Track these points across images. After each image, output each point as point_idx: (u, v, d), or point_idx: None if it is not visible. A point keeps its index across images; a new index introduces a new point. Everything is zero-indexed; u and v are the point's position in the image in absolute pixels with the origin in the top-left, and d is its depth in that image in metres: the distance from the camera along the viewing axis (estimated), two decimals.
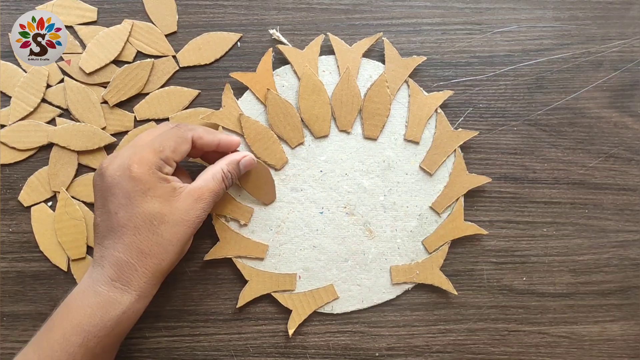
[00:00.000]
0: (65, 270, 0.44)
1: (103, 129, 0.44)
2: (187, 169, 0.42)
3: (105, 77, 0.44)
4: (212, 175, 0.39)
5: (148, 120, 0.44)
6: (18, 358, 0.36)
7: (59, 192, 0.44)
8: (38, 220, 0.44)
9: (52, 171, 0.44)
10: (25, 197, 0.44)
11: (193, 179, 0.40)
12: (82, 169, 0.44)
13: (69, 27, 0.44)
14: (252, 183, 0.43)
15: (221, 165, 0.40)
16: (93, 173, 0.44)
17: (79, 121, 0.44)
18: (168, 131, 0.38)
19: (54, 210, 0.44)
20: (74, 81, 0.44)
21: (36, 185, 0.44)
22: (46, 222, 0.44)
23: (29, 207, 0.44)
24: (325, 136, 0.44)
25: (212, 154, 0.42)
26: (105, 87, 0.44)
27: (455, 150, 0.44)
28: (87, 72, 0.44)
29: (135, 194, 0.36)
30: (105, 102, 0.44)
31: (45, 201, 0.44)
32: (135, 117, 0.44)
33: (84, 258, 0.44)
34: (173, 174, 0.38)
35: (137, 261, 0.36)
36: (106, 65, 0.44)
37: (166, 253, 0.37)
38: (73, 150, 0.44)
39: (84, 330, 0.35)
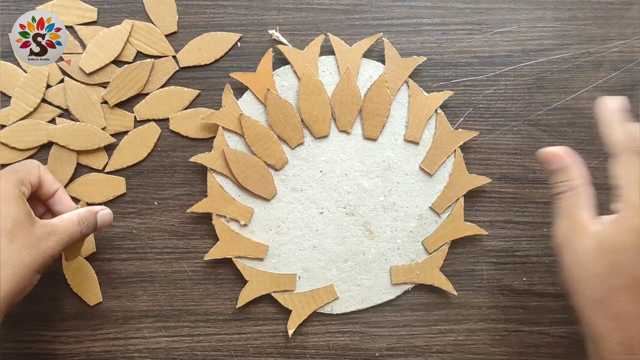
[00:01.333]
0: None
1: (103, 129, 0.44)
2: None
3: (105, 77, 0.44)
4: (68, 216, 0.38)
5: (148, 121, 0.44)
6: None
7: None
8: None
9: (50, 169, 0.44)
10: None
11: None
12: (81, 169, 0.44)
13: (69, 27, 0.44)
14: (251, 179, 0.43)
15: (78, 211, 0.39)
16: (94, 173, 0.44)
17: (79, 121, 0.44)
18: (21, 162, 0.40)
19: None
20: (74, 81, 0.44)
21: None
22: None
23: None
24: (325, 136, 0.44)
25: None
26: (105, 87, 0.44)
27: (455, 150, 0.44)
28: (87, 72, 0.44)
29: None
30: (105, 102, 0.44)
31: None
32: (135, 117, 0.44)
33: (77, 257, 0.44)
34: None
35: None
36: (106, 65, 0.44)
37: (3, 277, 0.34)
38: (72, 150, 0.44)
39: None
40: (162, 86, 0.45)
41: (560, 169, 0.35)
